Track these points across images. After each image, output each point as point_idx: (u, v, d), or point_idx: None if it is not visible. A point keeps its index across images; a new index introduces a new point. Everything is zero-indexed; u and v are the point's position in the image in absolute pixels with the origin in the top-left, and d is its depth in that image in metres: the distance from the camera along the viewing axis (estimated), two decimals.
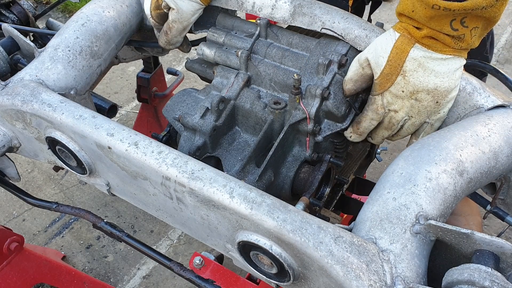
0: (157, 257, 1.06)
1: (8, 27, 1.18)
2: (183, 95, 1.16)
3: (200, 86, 1.62)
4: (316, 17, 1.05)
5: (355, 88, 1.00)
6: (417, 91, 0.93)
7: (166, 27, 1.14)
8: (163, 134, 1.15)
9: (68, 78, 1.07)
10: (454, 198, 0.80)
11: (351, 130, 1.04)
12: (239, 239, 0.82)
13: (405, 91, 0.93)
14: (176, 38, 1.17)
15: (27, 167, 2.37)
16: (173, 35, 1.15)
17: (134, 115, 2.56)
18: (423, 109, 0.95)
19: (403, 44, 0.90)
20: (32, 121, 1.00)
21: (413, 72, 0.91)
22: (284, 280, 0.82)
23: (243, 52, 1.07)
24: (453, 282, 0.65)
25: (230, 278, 1.08)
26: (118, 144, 0.89)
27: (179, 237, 2.09)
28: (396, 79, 0.92)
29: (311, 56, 1.05)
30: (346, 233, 0.74)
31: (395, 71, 0.92)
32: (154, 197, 0.94)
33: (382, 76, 0.94)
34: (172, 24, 1.12)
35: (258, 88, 1.09)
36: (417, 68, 0.91)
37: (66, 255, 2.03)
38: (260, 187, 0.96)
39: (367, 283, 0.69)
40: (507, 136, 0.88)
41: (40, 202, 1.18)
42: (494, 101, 0.95)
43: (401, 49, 0.91)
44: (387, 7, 1.53)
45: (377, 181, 0.86)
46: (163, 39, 1.17)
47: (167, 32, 1.14)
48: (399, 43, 0.91)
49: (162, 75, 1.99)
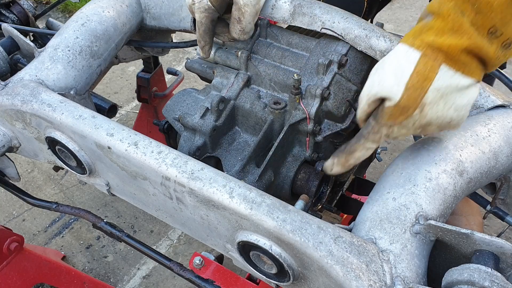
0: (157, 257, 1.06)
1: (8, 27, 1.18)
2: (183, 95, 1.16)
3: (200, 86, 1.62)
4: (316, 17, 1.05)
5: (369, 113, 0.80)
6: (430, 124, 0.75)
7: (238, 14, 0.99)
8: (165, 121, 1.14)
9: (68, 78, 1.07)
10: (454, 198, 0.80)
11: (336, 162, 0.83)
12: (239, 239, 0.82)
13: (416, 124, 0.75)
14: (250, 25, 1.02)
15: (27, 167, 2.37)
16: (247, 20, 1.00)
17: (134, 115, 2.56)
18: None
19: (426, 68, 0.69)
20: (32, 121, 1.00)
21: (433, 105, 0.72)
22: (284, 280, 0.82)
23: (243, 52, 1.07)
24: (453, 282, 0.65)
25: (230, 278, 1.08)
26: (117, 144, 0.89)
27: (179, 237, 2.09)
28: (412, 113, 0.72)
29: (311, 56, 1.05)
30: (346, 233, 0.74)
31: (414, 104, 0.71)
32: (154, 197, 0.94)
33: (396, 108, 0.73)
34: (244, 8, 0.98)
35: (258, 88, 1.09)
36: (439, 100, 0.72)
37: (66, 255, 2.03)
38: (260, 187, 0.96)
39: (366, 283, 0.69)
40: (507, 136, 0.88)
41: (40, 202, 1.18)
42: (494, 101, 0.95)
43: (424, 75, 0.70)
44: (387, 7, 1.53)
45: (377, 181, 0.86)
46: (237, 28, 1.01)
47: (240, 19, 0.99)
48: (421, 67, 0.69)
49: (162, 75, 1.99)
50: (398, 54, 0.72)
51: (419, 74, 0.70)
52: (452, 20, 0.68)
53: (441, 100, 0.72)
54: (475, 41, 0.68)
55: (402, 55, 0.72)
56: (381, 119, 0.76)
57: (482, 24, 0.67)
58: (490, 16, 0.66)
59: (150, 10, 1.24)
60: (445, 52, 0.69)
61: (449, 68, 0.70)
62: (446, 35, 0.69)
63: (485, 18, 0.66)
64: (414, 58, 0.70)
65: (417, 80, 0.70)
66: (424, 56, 0.70)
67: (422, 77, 0.70)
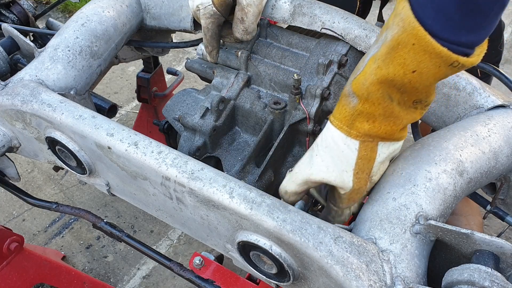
0: (157, 257, 1.06)
1: (8, 27, 1.18)
2: (183, 95, 1.16)
3: (200, 86, 1.61)
4: (316, 17, 1.05)
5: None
6: (376, 181, 0.84)
7: (241, 14, 0.99)
8: (165, 121, 1.14)
9: (68, 78, 1.07)
10: (454, 198, 0.80)
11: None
12: (239, 239, 0.82)
13: (368, 189, 0.84)
14: (253, 25, 1.03)
15: (27, 167, 2.37)
16: (250, 21, 1.01)
17: (134, 115, 2.56)
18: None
19: (367, 151, 0.77)
20: (32, 121, 1.00)
21: (377, 171, 0.81)
22: (284, 280, 0.82)
23: (243, 52, 1.07)
24: (453, 282, 0.65)
25: (230, 278, 1.08)
26: (118, 144, 0.89)
27: (179, 237, 2.09)
28: (365, 189, 0.82)
29: (311, 56, 1.05)
30: (346, 233, 0.74)
31: (364, 184, 0.81)
32: (154, 197, 0.94)
33: (351, 193, 0.82)
34: (247, 8, 0.98)
35: (258, 88, 1.09)
36: (381, 166, 0.81)
37: (66, 255, 2.03)
38: (260, 187, 0.96)
39: (367, 283, 0.69)
40: (507, 136, 0.88)
41: (40, 202, 1.18)
42: (494, 101, 0.95)
43: (367, 158, 0.78)
44: (386, 7, 1.52)
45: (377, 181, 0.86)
46: (240, 28, 1.01)
47: (243, 19, 1.00)
48: (363, 153, 0.77)
49: (162, 75, 1.98)
50: (338, 142, 0.78)
51: (363, 158, 0.77)
52: (383, 107, 0.73)
53: (383, 165, 0.81)
54: (407, 120, 0.75)
55: (341, 144, 0.78)
56: (341, 204, 0.85)
57: (408, 99, 0.72)
58: (415, 94, 0.71)
59: (150, 10, 1.24)
60: (382, 137, 0.76)
61: (385, 143, 0.78)
62: (378, 121, 0.74)
63: (411, 96, 0.72)
64: (354, 146, 0.77)
65: (362, 164, 0.78)
66: (363, 142, 0.76)
67: (366, 160, 0.78)
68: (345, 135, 0.77)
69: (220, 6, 0.97)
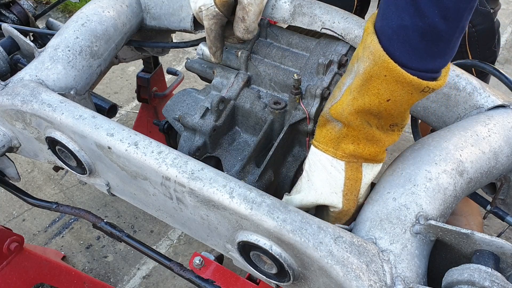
0: (157, 257, 1.06)
1: (8, 27, 1.18)
2: (183, 95, 1.16)
3: (200, 86, 1.61)
4: (316, 17, 1.05)
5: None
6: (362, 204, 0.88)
7: (242, 13, 0.99)
8: (165, 121, 1.14)
9: (68, 78, 1.07)
10: (454, 198, 0.80)
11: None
12: (239, 239, 0.82)
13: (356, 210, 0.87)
14: (254, 24, 1.02)
15: (27, 167, 2.37)
16: (251, 19, 1.00)
17: (134, 115, 2.56)
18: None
19: (353, 171, 0.82)
20: (32, 121, 1.00)
21: (364, 194, 0.86)
22: (284, 280, 0.82)
23: (243, 52, 1.07)
24: (453, 282, 0.65)
25: (230, 278, 1.08)
26: (118, 144, 0.88)
27: (179, 237, 2.09)
28: (353, 211, 0.86)
29: (311, 56, 1.05)
30: (346, 233, 0.74)
31: (353, 205, 0.85)
32: (154, 197, 0.94)
33: (340, 213, 0.86)
34: (248, 7, 0.98)
35: (258, 88, 1.09)
36: (367, 188, 0.86)
37: (66, 255, 2.03)
38: (260, 187, 0.96)
39: (367, 283, 0.69)
40: (507, 136, 0.88)
41: (40, 202, 1.18)
42: (494, 101, 0.95)
43: (354, 178, 0.82)
44: None
45: (377, 181, 0.86)
46: (241, 27, 1.01)
47: (244, 18, 0.99)
48: (349, 173, 0.82)
49: (162, 75, 1.98)
50: (325, 164, 0.83)
51: (350, 179, 0.82)
52: (364, 133, 0.78)
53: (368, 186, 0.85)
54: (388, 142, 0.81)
55: (328, 166, 0.83)
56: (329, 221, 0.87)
57: (385, 124, 0.78)
58: (391, 119, 0.77)
59: (150, 10, 1.24)
60: (365, 158, 0.81)
61: (368, 164, 0.83)
62: (362, 143, 0.80)
63: (387, 121, 0.78)
64: (341, 167, 0.82)
65: (350, 185, 0.82)
66: (348, 163, 0.81)
67: (353, 180, 0.82)
68: (331, 156, 0.82)
69: (222, 7, 0.97)
